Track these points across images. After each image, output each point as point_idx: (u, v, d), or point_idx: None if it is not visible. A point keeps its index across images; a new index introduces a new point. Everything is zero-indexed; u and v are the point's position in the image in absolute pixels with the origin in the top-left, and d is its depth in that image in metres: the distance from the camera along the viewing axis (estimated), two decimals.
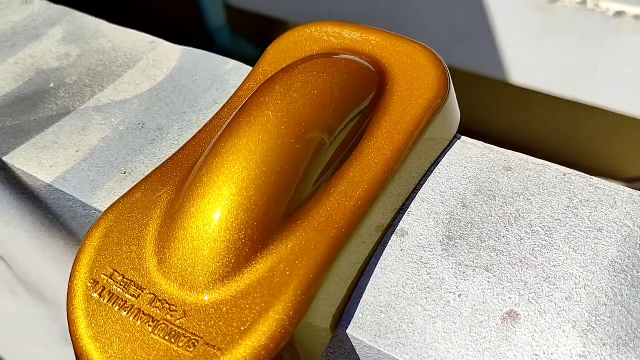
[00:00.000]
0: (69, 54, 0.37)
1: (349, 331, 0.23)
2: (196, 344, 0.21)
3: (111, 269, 0.23)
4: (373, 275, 0.25)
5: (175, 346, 0.21)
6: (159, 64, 0.36)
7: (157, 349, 0.21)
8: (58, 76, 0.36)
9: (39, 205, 0.33)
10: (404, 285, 0.24)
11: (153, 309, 0.22)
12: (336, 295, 0.23)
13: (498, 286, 0.24)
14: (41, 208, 0.33)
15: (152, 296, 0.23)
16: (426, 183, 0.28)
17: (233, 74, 0.34)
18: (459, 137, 0.30)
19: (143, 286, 0.23)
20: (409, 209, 0.27)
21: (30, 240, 0.37)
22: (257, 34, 1.26)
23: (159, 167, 0.27)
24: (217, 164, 0.24)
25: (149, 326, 0.22)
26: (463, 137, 0.30)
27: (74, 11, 0.41)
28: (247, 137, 0.24)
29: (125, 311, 0.22)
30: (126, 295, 0.23)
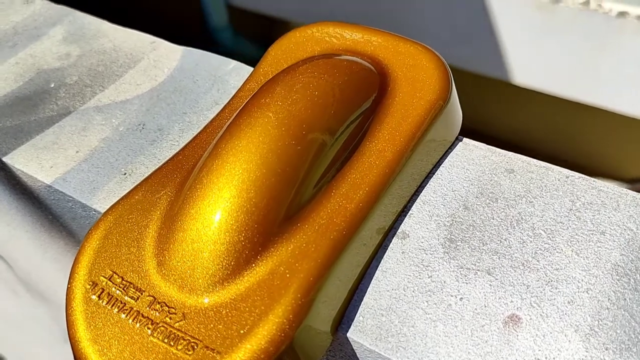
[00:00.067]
0: (69, 54, 0.37)
1: (349, 334, 0.23)
2: (195, 347, 0.21)
3: (110, 271, 0.23)
4: (374, 278, 0.25)
5: (174, 349, 0.21)
6: (160, 64, 0.36)
7: (156, 351, 0.21)
8: (58, 76, 0.36)
9: (39, 205, 0.33)
10: (404, 288, 0.24)
11: (152, 312, 0.22)
12: (336, 298, 0.23)
13: (500, 289, 0.23)
14: (41, 209, 0.33)
15: (151, 298, 0.22)
16: (428, 185, 0.27)
17: (234, 75, 0.34)
18: (460, 139, 0.29)
19: (142, 288, 0.23)
20: (410, 211, 0.27)
21: (31, 240, 0.37)
22: (259, 33, 1.26)
23: (159, 168, 0.27)
24: (217, 165, 0.24)
25: (148, 329, 0.22)
26: (465, 139, 0.29)
27: (75, 11, 0.41)
28: (247, 139, 0.24)
29: (124, 313, 0.22)
30: (125, 297, 0.23)
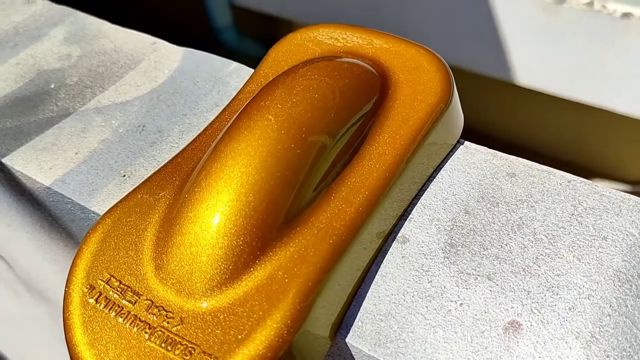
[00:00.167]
0: (70, 54, 0.37)
1: (348, 339, 0.23)
2: (192, 352, 0.21)
3: (108, 274, 0.23)
4: (373, 283, 0.24)
5: (171, 354, 0.21)
6: (160, 65, 0.36)
7: (153, 356, 0.21)
8: (59, 77, 0.36)
9: (39, 207, 0.33)
10: (404, 293, 0.24)
11: (150, 316, 0.22)
12: (335, 303, 0.23)
13: (500, 295, 0.23)
14: (40, 210, 0.33)
15: (149, 302, 0.22)
16: (428, 189, 0.27)
17: (234, 76, 0.34)
18: (462, 142, 0.29)
19: (140, 292, 0.23)
20: (410, 215, 0.26)
21: (30, 241, 0.37)
22: (262, 33, 1.26)
23: (158, 170, 0.27)
24: (216, 168, 0.23)
25: (145, 333, 0.21)
26: (466, 142, 0.29)
27: (76, 11, 0.41)
28: (246, 141, 0.24)
29: (121, 317, 0.22)
30: (123, 301, 0.22)
